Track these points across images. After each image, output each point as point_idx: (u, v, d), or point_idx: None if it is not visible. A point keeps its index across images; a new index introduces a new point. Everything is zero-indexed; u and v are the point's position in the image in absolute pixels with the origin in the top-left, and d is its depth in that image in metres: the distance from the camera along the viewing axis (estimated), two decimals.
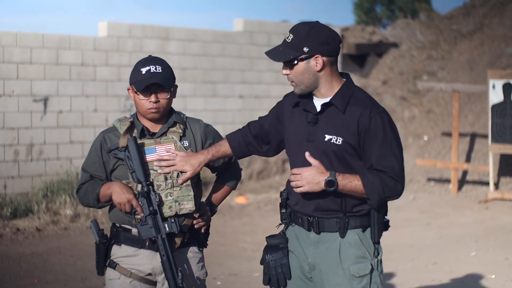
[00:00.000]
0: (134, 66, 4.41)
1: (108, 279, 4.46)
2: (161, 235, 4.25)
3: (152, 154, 4.34)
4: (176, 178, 4.32)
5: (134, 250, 4.39)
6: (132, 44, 14.03)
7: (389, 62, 18.21)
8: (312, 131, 4.12)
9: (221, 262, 9.15)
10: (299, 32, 4.15)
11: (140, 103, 4.35)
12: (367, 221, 4.11)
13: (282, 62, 4.20)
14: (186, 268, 4.40)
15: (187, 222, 4.38)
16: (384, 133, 4.03)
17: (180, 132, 4.43)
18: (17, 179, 12.31)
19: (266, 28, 16.22)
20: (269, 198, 13.65)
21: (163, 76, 4.35)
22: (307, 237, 4.17)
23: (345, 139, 4.04)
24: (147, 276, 4.40)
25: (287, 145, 4.29)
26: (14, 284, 8.30)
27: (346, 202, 4.07)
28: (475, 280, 8.33)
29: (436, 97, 16.40)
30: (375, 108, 4.07)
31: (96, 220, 4.48)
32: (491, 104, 12.79)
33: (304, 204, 4.14)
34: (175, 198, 4.32)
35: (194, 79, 14.94)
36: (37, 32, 12.72)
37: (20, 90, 12.39)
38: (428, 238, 10.51)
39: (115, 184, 4.30)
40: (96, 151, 4.43)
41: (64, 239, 10.41)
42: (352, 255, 4.10)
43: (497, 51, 16.43)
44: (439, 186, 13.86)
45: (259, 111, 15.74)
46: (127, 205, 4.25)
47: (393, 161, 4.03)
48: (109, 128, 4.49)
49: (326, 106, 4.11)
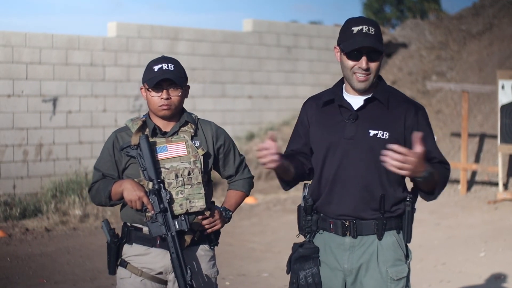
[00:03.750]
0: (147, 65, 4.46)
1: (119, 278, 4.48)
2: (171, 233, 4.26)
3: (164, 152, 4.36)
4: (187, 176, 4.33)
5: (145, 248, 4.40)
6: (141, 45, 14.05)
7: (398, 62, 18.19)
8: (351, 128, 4.06)
9: (230, 263, 9.15)
10: (375, 25, 4.05)
11: (152, 100, 4.38)
12: (401, 223, 4.09)
13: (377, 50, 4.00)
14: (195, 266, 4.40)
15: (197, 220, 4.38)
16: (429, 127, 4.10)
17: (192, 131, 4.44)
18: (26, 179, 12.34)
19: (275, 28, 16.22)
20: (278, 198, 13.64)
21: (175, 73, 4.39)
22: (341, 243, 4.09)
23: (392, 134, 4.01)
24: (158, 274, 4.41)
25: (317, 146, 4.16)
26: (23, 284, 8.32)
27: (385, 201, 4.02)
28: (484, 281, 8.32)
29: (445, 98, 16.38)
30: (417, 104, 4.13)
31: (107, 220, 4.50)
32: (500, 105, 12.75)
33: (341, 204, 4.06)
34: (186, 196, 4.33)
35: (203, 79, 14.95)
36: (46, 33, 12.76)
37: (30, 90, 12.42)
38: (437, 239, 10.49)
39: (126, 182, 4.32)
40: (109, 150, 4.46)
41: (73, 239, 10.43)
42: (390, 257, 4.06)
43: (506, 51, 16.40)
44: (448, 187, 13.83)
45: (268, 112, 15.75)
46: (138, 202, 4.27)
47: (441, 154, 4.09)
48: (122, 127, 4.53)
49: (369, 101, 4.07)
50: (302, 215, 4.21)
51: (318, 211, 4.17)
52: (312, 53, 16.70)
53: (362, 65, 3.98)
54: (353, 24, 4.03)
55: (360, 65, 3.99)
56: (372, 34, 3.98)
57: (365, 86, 4.04)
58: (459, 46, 17.92)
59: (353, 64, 4.01)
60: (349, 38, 4.01)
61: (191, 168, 4.34)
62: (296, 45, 16.46)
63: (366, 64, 3.98)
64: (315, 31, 16.93)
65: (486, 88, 14.19)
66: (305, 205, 4.17)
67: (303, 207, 4.20)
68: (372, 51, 3.99)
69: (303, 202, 4.19)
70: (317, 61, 16.83)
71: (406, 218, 4.08)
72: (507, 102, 12.66)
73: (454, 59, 17.63)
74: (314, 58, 16.73)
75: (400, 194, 4.06)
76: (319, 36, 16.78)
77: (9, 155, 12.17)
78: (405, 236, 4.10)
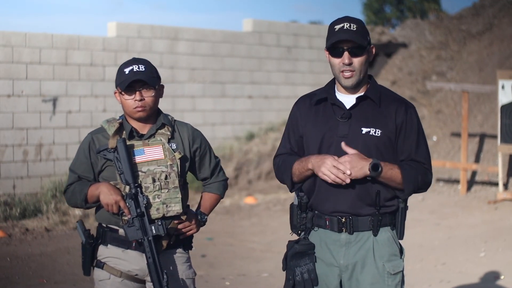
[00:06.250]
0: (118, 69, 4.42)
1: (98, 280, 4.46)
2: (147, 237, 4.24)
3: (141, 155, 4.33)
4: (164, 180, 4.32)
5: (121, 250, 4.39)
6: (141, 45, 14.05)
7: (398, 62, 18.19)
8: (344, 126, 4.11)
9: (230, 262, 9.15)
10: (358, 22, 4.12)
11: (126, 103, 4.35)
12: (395, 219, 4.16)
13: (357, 45, 4.06)
14: (172, 270, 4.39)
15: (173, 225, 4.37)
16: (418, 126, 4.17)
17: (169, 134, 4.41)
18: (26, 179, 12.34)
19: (275, 28, 16.21)
20: (278, 198, 13.64)
21: (146, 74, 4.33)
22: (336, 239, 4.14)
23: (384, 132, 4.09)
24: (135, 275, 4.40)
25: (311, 143, 4.20)
26: (23, 284, 8.32)
27: (381, 196, 4.07)
28: (484, 281, 8.32)
29: (445, 98, 16.38)
30: (407, 102, 4.20)
31: (82, 221, 4.50)
32: (500, 105, 12.75)
33: (337, 200, 4.10)
34: (162, 200, 4.30)
35: (203, 79, 14.96)
36: (46, 33, 12.76)
37: (29, 90, 12.42)
38: (437, 239, 10.50)
39: (103, 185, 4.30)
40: (84, 151, 4.43)
41: (73, 239, 10.43)
42: (386, 252, 4.12)
43: (506, 51, 16.40)
44: (448, 187, 13.83)
45: (268, 111, 15.75)
46: (115, 206, 4.25)
47: (427, 153, 4.18)
48: (97, 129, 4.49)
49: (361, 99, 4.13)
50: (296, 213, 4.25)
51: (313, 208, 4.21)
52: (312, 53, 16.70)
53: (345, 60, 4.05)
54: (336, 23, 4.13)
55: (343, 61, 4.06)
56: (353, 30, 4.05)
57: (351, 82, 4.09)
58: (459, 46, 17.92)
59: (338, 62, 4.08)
60: (331, 36, 4.10)
61: (168, 172, 4.31)
62: (296, 45, 16.46)
63: (348, 59, 4.05)
64: (315, 31, 16.92)
65: (486, 88, 14.19)
66: (300, 203, 4.21)
67: (297, 204, 4.24)
68: (354, 47, 4.06)
69: (298, 199, 4.23)
70: (317, 61, 16.83)
71: (399, 214, 4.16)
72: (507, 102, 12.65)
73: (454, 59, 17.63)
74: (314, 58, 16.73)
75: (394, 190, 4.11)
76: (319, 36, 16.77)
77: (9, 155, 12.17)
78: (398, 233, 4.17)
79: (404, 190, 4.08)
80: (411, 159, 4.12)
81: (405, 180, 4.05)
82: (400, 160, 4.12)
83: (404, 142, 4.12)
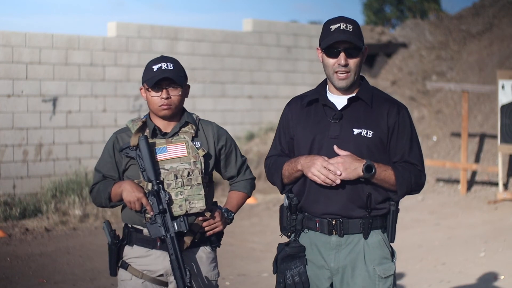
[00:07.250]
0: (146, 65, 4.44)
1: (120, 280, 4.47)
2: (169, 234, 4.24)
3: (163, 153, 4.33)
4: (186, 177, 4.32)
5: (146, 250, 4.39)
6: (141, 44, 14.05)
7: (398, 62, 18.19)
8: (335, 127, 4.09)
9: (230, 263, 9.15)
10: (353, 22, 4.11)
11: (152, 100, 4.37)
12: (386, 222, 4.13)
13: (353, 46, 4.06)
14: (195, 268, 4.38)
15: (197, 222, 4.36)
16: (411, 127, 4.15)
17: (192, 132, 4.42)
18: (26, 179, 12.34)
19: (275, 28, 16.22)
20: (278, 198, 13.64)
21: (175, 72, 4.37)
22: (327, 241, 4.11)
23: (376, 133, 4.06)
24: (159, 277, 4.39)
25: (301, 145, 4.18)
26: (23, 284, 8.32)
27: (372, 198, 4.05)
28: (484, 281, 8.31)
29: (445, 98, 16.38)
30: (400, 104, 4.18)
31: (108, 221, 4.48)
32: (500, 105, 12.75)
33: (328, 202, 4.07)
34: (185, 197, 4.30)
35: (203, 79, 14.96)
36: (46, 32, 12.76)
37: (29, 90, 12.42)
38: (437, 239, 10.49)
39: (125, 183, 4.31)
40: (109, 151, 4.45)
41: (73, 239, 10.43)
42: (377, 256, 4.09)
43: (506, 51, 16.40)
44: (448, 187, 13.83)
45: (268, 111, 15.74)
46: (137, 203, 4.25)
47: (420, 155, 4.16)
48: (122, 128, 4.51)
49: (352, 100, 4.12)
50: (286, 215, 4.23)
51: (303, 210, 4.19)
52: (312, 53, 16.70)
53: (341, 61, 4.04)
54: (331, 23, 4.13)
55: (339, 61, 4.06)
56: (349, 31, 4.05)
57: (346, 84, 4.08)
58: (459, 46, 17.92)
59: (333, 62, 4.08)
60: (327, 35, 4.10)
61: (191, 169, 4.31)
62: (296, 45, 16.46)
63: (345, 60, 4.04)
64: (315, 31, 16.91)
65: (486, 88, 14.19)
66: (290, 204, 4.19)
67: (287, 206, 4.21)
68: (350, 48, 4.05)
69: (288, 201, 4.21)
70: (317, 61, 16.81)
71: (390, 217, 4.12)
72: (507, 102, 12.65)
73: (454, 59, 17.63)
74: (314, 58, 16.72)
75: (385, 192, 4.09)
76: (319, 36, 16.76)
77: (9, 155, 12.17)
78: (389, 236, 4.14)
79: (397, 191, 4.07)
80: (404, 161, 4.10)
81: (398, 182, 4.04)
82: (393, 161, 4.10)
83: (397, 143, 4.10)
